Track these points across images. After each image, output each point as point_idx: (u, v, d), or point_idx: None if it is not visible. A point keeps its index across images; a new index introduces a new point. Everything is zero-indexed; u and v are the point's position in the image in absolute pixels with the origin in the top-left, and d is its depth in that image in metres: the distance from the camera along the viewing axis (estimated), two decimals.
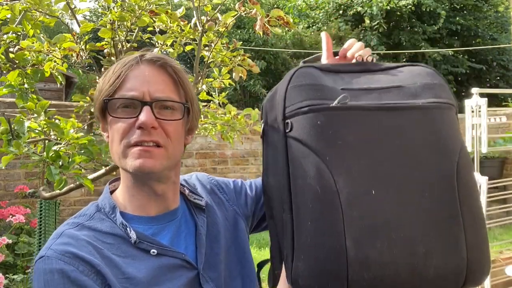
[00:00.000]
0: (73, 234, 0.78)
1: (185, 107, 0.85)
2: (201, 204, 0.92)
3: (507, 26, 13.23)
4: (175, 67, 0.85)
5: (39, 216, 2.65)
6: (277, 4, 13.64)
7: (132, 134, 0.80)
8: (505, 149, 4.98)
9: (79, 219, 0.83)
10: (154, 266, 0.80)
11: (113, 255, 0.78)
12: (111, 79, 0.82)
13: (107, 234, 0.80)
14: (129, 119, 0.80)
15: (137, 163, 0.79)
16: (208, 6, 1.87)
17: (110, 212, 0.83)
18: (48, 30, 9.75)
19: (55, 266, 0.74)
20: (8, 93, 1.88)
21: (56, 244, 0.76)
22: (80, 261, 0.74)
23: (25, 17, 1.87)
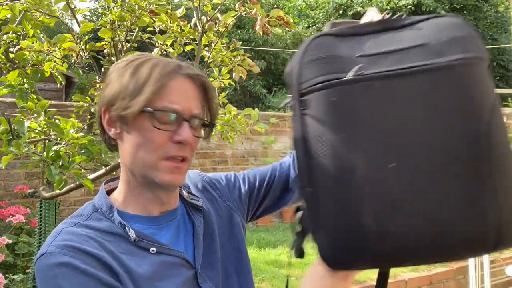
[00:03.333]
0: (73, 231, 0.78)
1: (212, 127, 0.89)
2: (198, 205, 0.93)
3: (507, 26, 13.24)
4: (208, 84, 0.86)
5: (39, 216, 2.65)
6: (277, 4, 13.65)
7: (168, 147, 0.79)
8: None
9: (76, 218, 0.82)
10: (155, 262, 0.80)
11: (114, 249, 0.78)
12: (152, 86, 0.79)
13: (106, 233, 0.80)
14: (167, 131, 0.79)
15: (168, 178, 0.80)
16: (208, 6, 1.87)
17: (108, 212, 0.83)
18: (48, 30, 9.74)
19: (61, 260, 0.73)
20: (8, 93, 1.88)
21: (56, 241, 0.76)
22: (85, 255, 0.74)
23: (25, 17, 1.87)
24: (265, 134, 5.57)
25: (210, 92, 0.86)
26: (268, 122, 5.59)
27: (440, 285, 3.47)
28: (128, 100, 0.79)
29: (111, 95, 0.81)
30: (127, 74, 0.80)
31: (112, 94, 0.81)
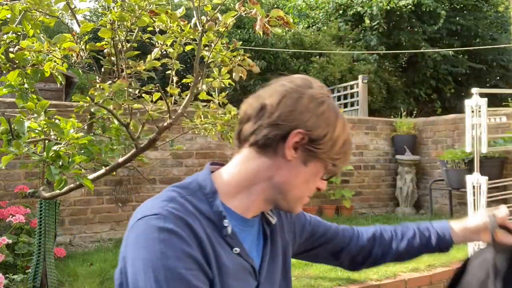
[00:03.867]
0: (184, 204, 0.79)
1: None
2: (272, 222, 0.96)
3: (507, 26, 13.23)
4: None
5: (39, 216, 2.65)
6: (277, 4, 13.63)
7: (313, 189, 0.90)
8: (505, 149, 4.97)
9: (183, 190, 0.83)
10: (235, 262, 0.82)
11: (211, 235, 0.80)
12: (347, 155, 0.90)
13: (203, 216, 0.81)
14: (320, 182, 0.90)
15: (299, 210, 0.94)
16: (208, 6, 1.87)
17: (209, 196, 0.83)
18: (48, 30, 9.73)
19: (173, 227, 0.74)
20: (8, 93, 1.88)
21: (170, 207, 0.77)
22: (191, 231, 0.76)
23: (25, 17, 1.87)
24: None
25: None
26: None
27: (440, 285, 3.46)
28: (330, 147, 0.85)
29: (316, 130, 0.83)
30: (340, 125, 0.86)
31: (318, 131, 0.83)
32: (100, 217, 4.41)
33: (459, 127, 5.97)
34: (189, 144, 4.95)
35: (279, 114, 0.82)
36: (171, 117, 2.07)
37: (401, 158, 6.28)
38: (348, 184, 6.19)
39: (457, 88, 12.86)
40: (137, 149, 2.10)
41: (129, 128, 2.08)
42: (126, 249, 0.77)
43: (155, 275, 0.70)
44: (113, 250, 3.93)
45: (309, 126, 0.82)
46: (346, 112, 8.38)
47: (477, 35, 13.05)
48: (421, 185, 6.45)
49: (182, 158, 4.95)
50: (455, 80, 12.79)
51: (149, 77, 2.16)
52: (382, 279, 3.21)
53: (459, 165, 5.28)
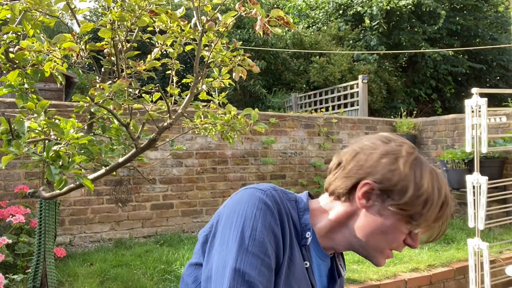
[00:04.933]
0: (282, 198, 0.90)
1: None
2: (340, 273, 1.03)
3: (507, 26, 13.23)
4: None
5: (39, 216, 2.65)
6: (277, 4, 13.63)
7: (400, 245, 0.92)
8: (505, 149, 4.97)
9: (283, 193, 0.92)
10: (303, 273, 0.90)
11: (291, 239, 0.89)
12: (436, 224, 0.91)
13: (292, 222, 0.91)
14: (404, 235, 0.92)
15: (383, 263, 0.95)
16: (208, 6, 1.87)
17: (301, 210, 0.94)
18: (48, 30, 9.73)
19: (270, 203, 0.85)
20: (8, 93, 1.88)
21: (273, 193, 0.88)
22: (280, 219, 0.86)
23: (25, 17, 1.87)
24: (265, 134, 5.57)
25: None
26: (268, 122, 5.59)
27: (440, 285, 3.46)
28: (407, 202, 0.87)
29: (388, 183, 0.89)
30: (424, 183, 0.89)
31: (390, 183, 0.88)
32: (100, 217, 4.41)
33: (459, 127, 5.97)
34: (189, 144, 4.95)
35: (351, 167, 0.93)
36: (171, 117, 2.07)
37: None
38: None
39: (457, 88, 12.86)
40: (137, 149, 2.10)
41: (129, 128, 2.08)
42: (225, 207, 0.88)
43: (243, 229, 0.81)
44: (113, 250, 3.93)
45: (379, 178, 0.89)
46: (346, 112, 8.38)
47: (477, 35, 13.05)
48: None
49: (182, 158, 4.95)
50: (455, 80, 12.79)
51: (149, 77, 2.16)
52: (382, 279, 3.21)
53: (459, 165, 5.28)
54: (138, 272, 3.24)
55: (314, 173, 5.94)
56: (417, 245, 0.92)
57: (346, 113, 8.32)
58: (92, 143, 1.92)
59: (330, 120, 6.15)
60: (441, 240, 4.35)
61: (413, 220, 0.89)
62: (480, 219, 2.64)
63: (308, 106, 9.81)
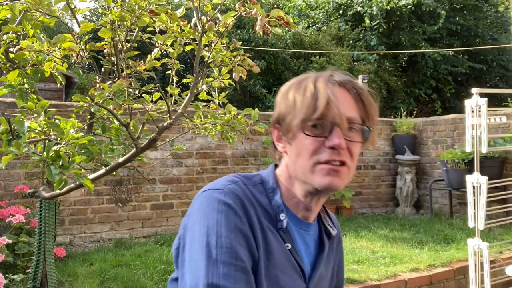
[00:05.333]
0: (244, 189, 0.86)
1: (368, 130, 0.90)
2: (331, 233, 1.00)
3: (507, 26, 13.22)
4: (361, 89, 0.90)
5: (39, 216, 2.65)
6: (277, 4, 13.63)
7: (322, 152, 0.84)
8: (505, 149, 4.97)
9: (246, 180, 0.89)
10: (285, 256, 0.86)
11: (266, 227, 0.85)
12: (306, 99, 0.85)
13: (262, 208, 0.87)
14: (319, 138, 0.84)
15: (326, 181, 0.84)
16: (208, 6, 1.87)
17: (270, 191, 0.89)
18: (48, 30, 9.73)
19: (230, 202, 0.81)
20: (8, 93, 1.88)
21: (231, 187, 0.84)
22: (245, 214, 0.82)
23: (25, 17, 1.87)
24: (265, 134, 5.57)
25: (364, 96, 0.90)
26: (268, 122, 5.59)
27: (440, 285, 3.46)
28: (292, 116, 0.86)
29: (277, 115, 0.90)
30: (291, 94, 0.88)
31: (279, 113, 0.90)
32: (100, 217, 4.41)
33: (459, 127, 5.97)
34: (189, 144, 4.95)
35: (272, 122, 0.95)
36: (171, 117, 2.07)
37: (401, 158, 6.28)
38: (348, 184, 6.18)
39: (457, 88, 12.86)
40: (137, 149, 2.10)
41: (129, 128, 2.07)
42: (188, 218, 0.85)
43: (208, 240, 0.77)
44: (113, 250, 3.93)
45: (275, 117, 0.91)
46: None
47: (477, 35, 13.05)
48: (421, 185, 6.45)
49: (182, 158, 4.95)
50: (455, 80, 12.79)
51: (149, 77, 2.16)
52: (382, 279, 3.21)
53: (459, 165, 5.28)
54: (138, 272, 3.24)
55: None
56: (337, 140, 0.83)
57: None
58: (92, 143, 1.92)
59: None
60: (441, 240, 4.35)
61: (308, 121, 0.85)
62: (480, 219, 2.64)
63: None
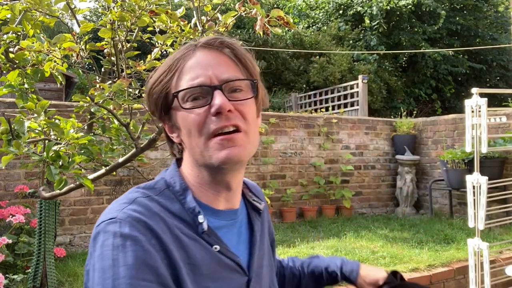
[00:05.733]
0: (146, 204, 0.73)
1: (254, 83, 0.81)
2: (259, 208, 0.90)
3: (507, 26, 13.22)
4: (233, 44, 0.80)
5: (39, 216, 2.65)
6: (277, 4, 13.63)
7: (210, 122, 0.75)
8: (505, 149, 4.97)
9: (148, 191, 0.77)
10: (214, 260, 0.76)
11: (183, 236, 0.73)
12: (168, 74, 0.78)
13: (175, 216, 0.75)
14: (202, 108, 0.75)
15: (222, 154, 0.74)
16: (208, 6, 1.87)
17: (180, 193, 0.78)
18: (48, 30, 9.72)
19: (129, 232, 0.68)
20: (8, 93, 1.88)
21: (129, 209, 0.71)
22: (153, 235, 0.69)
23: (25, 17, 1.87)
24: (265, 134, 5.57)
25: (238, 51, 0.81)
26: (268, 122, 5.59)
27: (440, 285, 3.46)
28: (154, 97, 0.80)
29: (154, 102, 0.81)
30: (153, 75, 0.82)
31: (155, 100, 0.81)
32: None
33: (459, 127, 5.97)
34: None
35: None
36: None
37: (401, 158, 6.28)
38: (348, 184, 6.19)
39: (457, 88, 12.86)
40: (137, 149, 2.10)
41: (129, 128, 2.07)
42: (88, 260, 0.72)
43: (103, 285, 0.65)
44: None
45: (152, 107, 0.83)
46: (346, 112, 8.39)
47: (477, 35, 13.05)
48: (421, 185, 6.46)
49: None
50: (455, 80, 12.79)
51: None
52: None
53: (459, 165, 5.28)
54: None
55: (314, 173, 5.94)
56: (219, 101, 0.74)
57: (346, 113, 8.32)
58: (92, 143, 1.92)
59: (330, 120, 6.15)
60: (441, 240, 4.35)
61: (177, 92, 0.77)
62: (480, 219, 2.64)
63: (308, 106, 9.81)
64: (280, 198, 5.64)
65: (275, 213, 5.60)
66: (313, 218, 5.63)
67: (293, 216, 5.59)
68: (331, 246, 4.11)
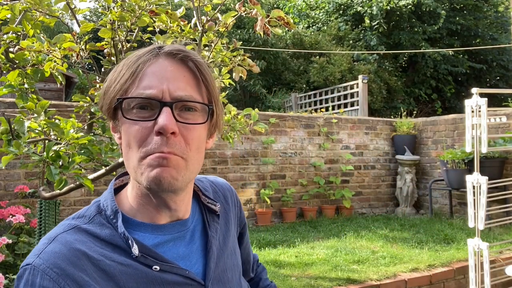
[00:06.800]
0: (67, 241, 0.69)
1: (209, 109, 0.74)
2: (215, 210, 0.86)
3: (507, 26, 13.23)
4: (198, 61, 0.74)
5: (39, 216, 2.65)
6: (277, 4, 13.64)
7: (150, 141, 0.69)
8: (505, 149, 4.97)
9: (77, 220, 0.74)
10: (155, 282, 0.72)
11: (111, 265, 0.69)
12: (124, 74, 0.72)
13: (105, 243, 0.71)
14: (146, 121, 0.70)
15: (153, 174, 0.69)
16: (208, 6, 1.87)
17: (112, 217, 0.74)
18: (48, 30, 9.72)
19: (39, 282, 0.65)
20: (8, 93, 1.88)
21: (46, 252, 0.68)
22: (68, 280, 0.65)
23: (25, 17, 1.87)
24: (265, 134, 5.57)
25: (202, 68, 0.74)
26: (268, 122, 5.60)
27: (440, 285, 3.46)
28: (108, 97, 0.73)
29: (100, 97, 0.76)
30: (112, 73, 0.75)
31: (100, 95, 0.76)
32: None
33: (459, 127, 5.98)
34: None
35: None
36: None
37: (401, 158, 6.28)
38: (348, 184, 6.19)
39: (457, 88, 12.87)
40: None
41: None
42: None
43: None
44: None
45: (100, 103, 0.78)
46: (346, 112, 8.39)
47: (477, 35, 13.05)
48: (421, 185, 6.46)
49: None
50: (455, 80, 12.80)
51: None
52: (382, 279, 3.21)
53: (459, 165, 5.28)
54: None
55: (314, 173, 5.94)
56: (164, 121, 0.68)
57: (346, 113, 8.32)
58: (92, 143, 1.92)
59: (330, 120, 6.15)
60: (441, 240, 4.35)
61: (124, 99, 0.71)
62: (480, 219, 2.64)
63: (308, 106, 9.81)
64: (280, 198, 5.64)
65: (275, 213, 5.60)
66: (313, 218, 5.63)
67: (293, 216, 5.59)
68: (331, 246, 4.11)
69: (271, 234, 4.69)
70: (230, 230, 0.91)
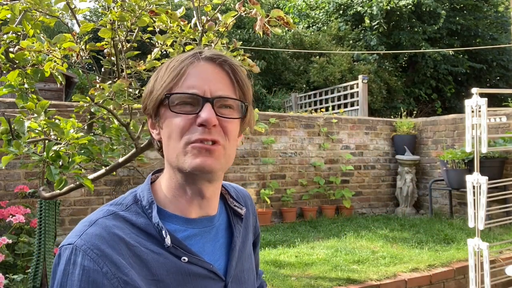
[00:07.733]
0: (107, 226, 0.75)
1: (243, 106, 0.84)
2: (240, 213, 0.93)
3: (507, 26, 13.23)
4: (234, 65, 0.84)
5: (39, 216, 2.65)
6: (277, 4, 13.64)
7: (193, 131, 0.78)
8: (505, 149, 4.97)
9: (115, 207, 0.80)
10: (183, 272, 0.78)
11: (145, 252, 0.75)
12: (170, 75, 0.80)
13: (140, 230, 0.77)
14: (189, 115, 0.78)
15: (197, 161, 0.77)
16: (208, 6, 1.87)
17: (147, 207, 0.80)
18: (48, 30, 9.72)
19: (80, 261, 0.70)
20: (8, 93, 1.88)
21: (87, 234, 0.73)
22: (107, 261, 0.71)
23: (25, 17, 1.87)
24: (265, 134, 5.57)
25: (237, 71, 0.84)
26: (268, 122, 5.59)
27: (440, 285, 3.46)
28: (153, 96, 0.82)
29: (145, 98, 0.85)
30: (154, 75, 0.84)
31: (144, 96, 0.85)
32: None
33: (459, 127, 5.98)
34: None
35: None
36: None
37: (401, 158, 6.28)
38: (348, 184, 6.19)
39: (457, 88, 12.87)
40: (137, 149, 2.10)
41: (129, 128, 2.07)
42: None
43: None
44: None
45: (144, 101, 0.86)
46: (346, 112, 8.39)
47: (477, 35, 13.06)
48: (421, 185, 6.46)
49: None
50: (455, 80, 12.80)
51: (149, 77, 2.16)
52: (382, 279, 3.21)
53: (459, 165, 5.28)
54: None
55: (314, 173, 5.94)
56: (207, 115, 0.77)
57: (346, 113, 8.32)
58: (92, 143, 1.92)
59: (330, 120, 6.15)
60: (441, 240, 4.35)
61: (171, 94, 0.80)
62: (480, 219, 2.64)
63: (308, 106, 9.82)
64: (280, 198, 5.64)
65: (275, 213, 5.60)
66: (313, 218, 5.63)
67: (293, 216, 5.59)
68: (331, 246, 4.11)
69: (271, 234, 4.69)
70: (249, 235, 0.97)
